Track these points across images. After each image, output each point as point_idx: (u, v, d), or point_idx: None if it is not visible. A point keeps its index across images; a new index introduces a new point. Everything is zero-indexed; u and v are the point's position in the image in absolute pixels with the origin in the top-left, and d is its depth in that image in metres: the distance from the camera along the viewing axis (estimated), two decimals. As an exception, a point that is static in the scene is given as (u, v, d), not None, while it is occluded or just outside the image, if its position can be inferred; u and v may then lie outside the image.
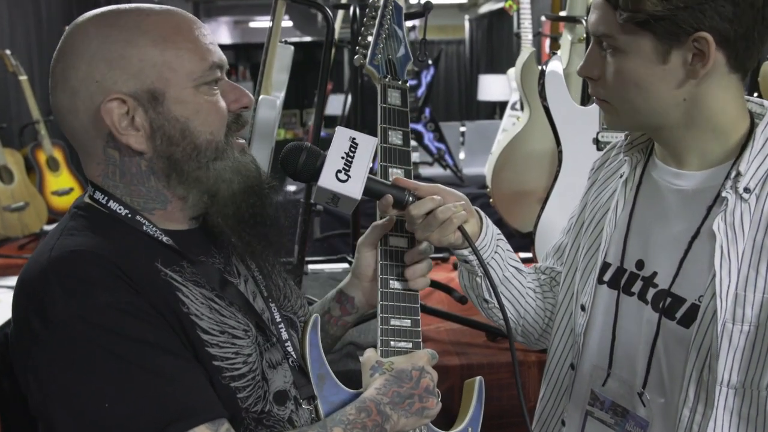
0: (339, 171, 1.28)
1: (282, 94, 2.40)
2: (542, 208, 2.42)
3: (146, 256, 1.17)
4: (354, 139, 1.32)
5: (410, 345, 1.38)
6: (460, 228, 1.33)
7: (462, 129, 5.87)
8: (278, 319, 1.32)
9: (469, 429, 1.41)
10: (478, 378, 1.46)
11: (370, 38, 1.49)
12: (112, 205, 1.20)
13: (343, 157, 1.30)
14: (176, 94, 1.17)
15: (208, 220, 1.24)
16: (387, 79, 1.49)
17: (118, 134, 1.16)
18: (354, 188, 1.29)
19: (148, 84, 1.15)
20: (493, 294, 1.41)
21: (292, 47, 2.41)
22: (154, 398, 1.07)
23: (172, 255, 1.20)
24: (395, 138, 1.46)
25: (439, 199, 1.32)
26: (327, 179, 1.28)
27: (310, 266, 2.88)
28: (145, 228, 1.20)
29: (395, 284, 1.39)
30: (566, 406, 1.46)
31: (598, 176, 1.50)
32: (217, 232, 1.24)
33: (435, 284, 2.46)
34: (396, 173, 1.42)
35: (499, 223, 3.20)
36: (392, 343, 1.37)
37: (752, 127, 1.25)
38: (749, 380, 1.18)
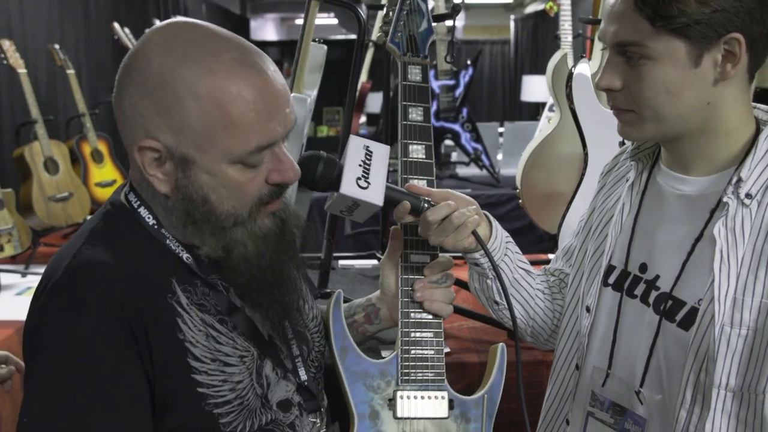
0: (359, 178, 1.29)
1: (314, 93, 2.43)
2: (566, 211, 2.43)
3: (162, 271, 1.20)
4: (368, 147, 1.34)
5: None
6: (474, 232, 1.37)
7: (500, 130, 5.87)
8: (290, 336, 1.34)
9: (485, 396, 1.45)
10: (500, 345, 1.50)
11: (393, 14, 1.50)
12: (142, 212, 1.22)
13: (360, 165, 1.31)
14: (207, 165, 1.14)
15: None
16: (407, 56, 1.50)
17: (145, 173, 1.16)
18: (376, 194, 1.30)
19: (183, 147, 1.13)
20: (503, 296, 1.44)
21: (325, 46, 2.45)
22: None
23: (187, 274, 1.22)
24: (416, 114, 1.48)
25: (454, 205, 1.35)
26: (348, 187, 1.29)
27: (340, 262, 2.92)
28: (168, 242, 1.22)
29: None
30: (571, 406, 1.49)
31: (606, 181, 1.52)
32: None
33: (460, 283, 2.48)
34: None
35: (530, 225, 3.22)
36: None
37: (757, 133, 1.27)
38: (747, 384, 1.20)
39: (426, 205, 1.36)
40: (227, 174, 1.15)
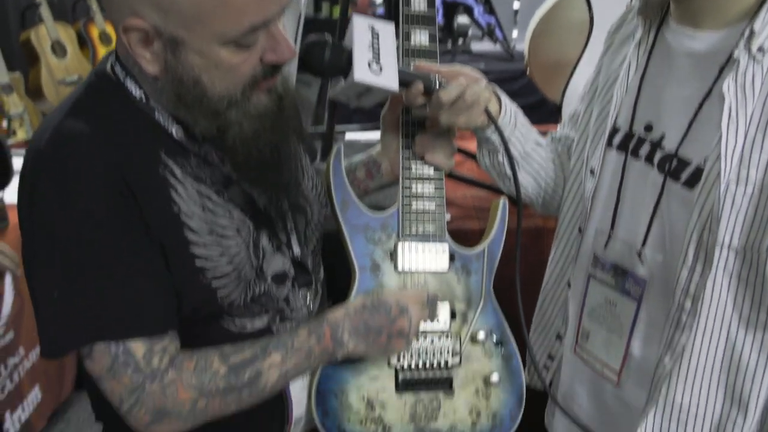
0: (370, 62, 1.24)
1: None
2: (570, 76, 2.36)
3: (150, 143, 1.16)
4: (373, 27, 1.28)
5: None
6: (486, 109, 1.34)
7: (515, 6, 5.69)
8: (286, 208, 1.33)
9: (486, 249, 1.47)
10: (501, 199, 1.50)
11: None
12: (129, 84, 1.17)
13: (369, 48, 1.25)
14: (198, 46, 1.07)
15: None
16: None
17: (132, 52, 1.09)
18: (390, 79, 1.25)
19: (172, 29, 1.05)
20: (513, 172, 1.42)
21: None
22: (102, 303, 1.11)
23: (178, 147, 1.18)
24: None
25: (465, 83, 1.31)
26: (362, 73, 1.22)
27: (348, 134, 2.88)
28: (156, 115, 1.17)
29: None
30: (573, 269, 1.49)
31: (613, 40, 1.47)
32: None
33: (465, 153, 2.47)
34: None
35: (543, 100, 3.14)
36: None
37: None
38: (750, 243, 1.19)
39: (438, 84, 1.31)
40: (219, 55, 1.08)
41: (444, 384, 1.43)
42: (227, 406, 1.20)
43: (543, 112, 3.83)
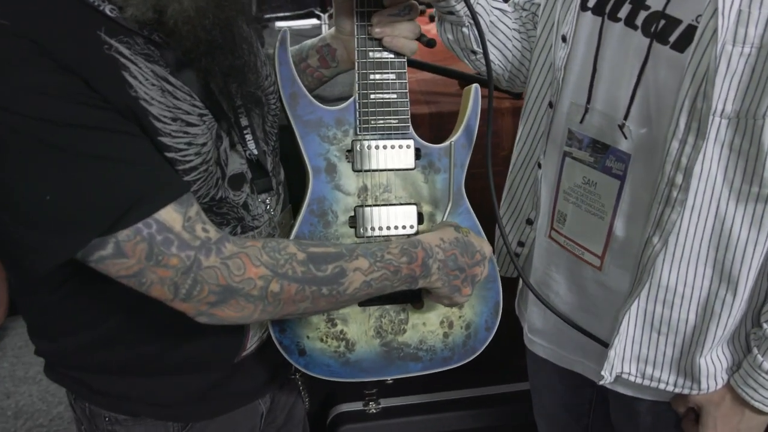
0: None
1: None
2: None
3: (85, 24, 0.96)
4: None
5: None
6: None
7: None
8: (238, 103, 1.16)
9: (457, 143, 1.32)
10: (473, 86, 1.35)
11: None
12: None
13: None
14: None
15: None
16: None
17: None
18: None
19: None
20: (481, 44, 1.29)
21: None
22: (105, 183, 0.92)
23: (117, 26, 0.98)
24: None
25: None
26: None
27: (277, 23, 2.68)
28: None
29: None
30: (543, 148, 1.37)
31: None
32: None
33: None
34: None
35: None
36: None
37: None
38: (745, 109, 1.08)
39: None
40: None
41: (412, 296, 1.31)
42: (303, 299, 1.06)
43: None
